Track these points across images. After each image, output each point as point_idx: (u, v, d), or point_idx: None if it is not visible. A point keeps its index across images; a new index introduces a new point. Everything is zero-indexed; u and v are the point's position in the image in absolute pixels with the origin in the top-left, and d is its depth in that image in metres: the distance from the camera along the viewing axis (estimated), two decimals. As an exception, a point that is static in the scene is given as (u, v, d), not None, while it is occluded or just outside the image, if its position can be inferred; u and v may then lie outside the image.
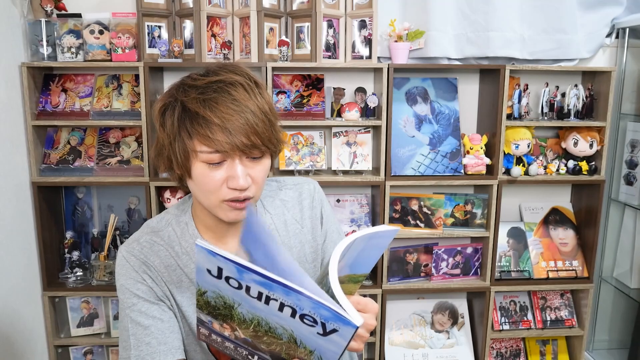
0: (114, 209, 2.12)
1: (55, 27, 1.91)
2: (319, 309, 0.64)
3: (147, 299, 0.94)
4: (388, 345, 2.17)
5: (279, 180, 1.10)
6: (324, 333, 0.67)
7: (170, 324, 0.95)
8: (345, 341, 0.67)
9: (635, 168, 2.18)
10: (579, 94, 2.06)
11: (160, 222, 1.00)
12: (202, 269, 0.68)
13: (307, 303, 0.64)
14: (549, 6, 2.06)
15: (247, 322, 0.72)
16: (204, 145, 0.83)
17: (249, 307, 0.70)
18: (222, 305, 0.72)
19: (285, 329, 0.70)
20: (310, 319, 0.66)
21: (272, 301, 0.66)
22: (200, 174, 0.86)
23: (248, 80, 0.88)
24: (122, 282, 0.94)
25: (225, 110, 0.83)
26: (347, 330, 0.65)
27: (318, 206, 1.07)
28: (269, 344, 0.74)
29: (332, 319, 0.65)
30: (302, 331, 0.68)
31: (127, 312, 0.94)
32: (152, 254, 0.96)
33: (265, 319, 0.70)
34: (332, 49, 1.99)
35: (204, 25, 1.92)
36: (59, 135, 2.02)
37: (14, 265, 1.85)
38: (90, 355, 2.08)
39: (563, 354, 2.28)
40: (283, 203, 1.05)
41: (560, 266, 2.16)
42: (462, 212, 2.10)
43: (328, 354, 0.70)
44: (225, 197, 0.87)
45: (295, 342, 0.71)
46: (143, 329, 0.92)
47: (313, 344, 0.70)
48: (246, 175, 0.86)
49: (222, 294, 0.70)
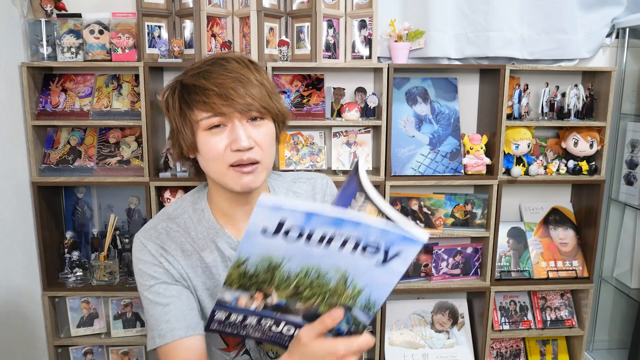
0: (114, 209, 2.12)
1: (55, 27, 1.91)
2: (386, 234, 0.66)
3: (165, 280, 0.97)
4: (388, 346, 2.17)
5: (292, 175, 1.13)
6: (385, 260, 0.68)
7: (188, 301, 0.98)
8: (405, 265, 0.69)
9: (636, 168, 2.18)
10: (579, 94, 2.06)
11: (177, 209, 1.03)
12: (254, 231, 0.67)
13: (374, 232, 0.66)
14: (549, 6, 2.05)
15: (291, 278, 0.72)
16: (203, 112, 0.88)
17: (300, 258, 0.70)
18: (264, 270, 0.72)
19: (337, 271, 0.70)
20: (372, 249, 0.68)
21: (335, 241, 0.67)
22: (204, 143, 0.90)
23: (241, 57, 0.93)
24: (140, 266, 0.98)
25: (219, 77, 0.87)
26: (413, 249, 0.67)
27: (329, 200, 1.10)
28: (307, 299, 0.74)
29: (397, 241, 0.66)
30: (359, 266, 0.69)
31: (145, 295, 0.98)
32: (169, 239, 0.98)
33: (317, 265, 0.70)
34: (332, 49, 1.99)
35: (204, 25, 1.92)
36: (59, 135, 2.02)
37: (14, 265, 1.85)
38: (90, 355, 2.08)
39: (563, 354, 2.28)
40: (296, 195, 1.09)
41: (560, 266, 2.16)
42: (462, 212, 2.10)
43: (379, 289, 0.71)
44: (230, 161, 0.89)
45: (344, 284, 0.72)
46: (162, 307, 0.95)
47: (366, 280, 0.71)
48: (248, 137, 0.89)
49: (270, 254, 0.70)
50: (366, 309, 0.73)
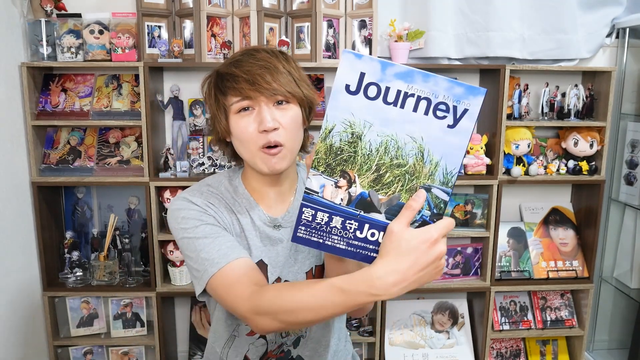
0: (114, 209, 2.12)
1: (55, 27, 1.91)
2: (452, 88, 0.73)
3: (212, 223, 0.99)
4: (388, 345, 2.17)
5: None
6: (454, 122, 0.74)
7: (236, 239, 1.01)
8: (473, 120, 0.74)
9: (636, 168, 2.18)
10: (579, 94, 2.06)
11: (214, 181, 1.09)
12: (340, 88, 0.74)
13: (442, 84, 0.73)
14: (549, 6, 2.05)
15: (372, 155, 0.76)
16: (233, 97, 0.95)
17: (380, 125, 0.75)
18: (348, 142, 0.77)
19: (415, 140, 0.75)
20: (443, 108, 0.74)
21: (409, 99, 0.74)
22: (236, 125, 0.97)
23: (272, 49, 1.01)
24: (184, 214, 0.99)
25: (248, 65, 0.95)
26: (478, 100, 0.73)
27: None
28: (389, 186, 0.77)
29: (464, 94, 0.73)
30: (433, 132, 0.75)
31: (191, 235, 0.97)
32: (213, 197, 1.04)
33: (395, 136, 0.75)
34: (332, 49, 1.99)
35: (204, 25, 1.92)
36: (59, 135, 2.02)
37: (14, 265, 1.85)
38: (90, 355, 2.08)
39: (563, 354, 2.28)
40: None
41: (561, 266, 2.16)
42: (462, 212, 2.10)
43: (454, 155, 0.76)
44: (259, 143, 0.95)
45: (422, 159, 0.75)
46: (212, 239, 0.96)
47: (441, 149, 0.75)
48: (273, 118, 0.94)
49: (353, 119, 0.76)
50: (444, 185, 0.77)
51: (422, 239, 0.73)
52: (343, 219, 0.79)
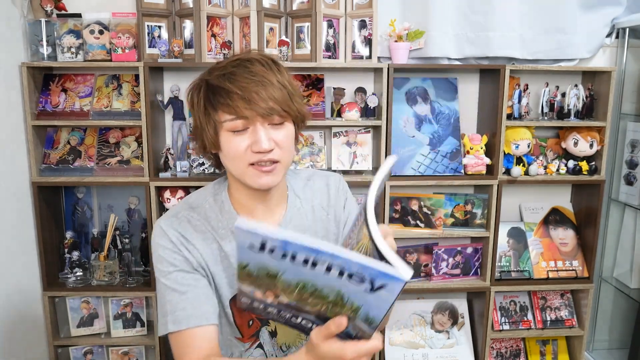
0: (114, 209, 2.12)
1: (55, 27, 1.91)
2: (366, 269, 0.67)
3: (183, 268, 0.98)
4: (388, 345, 2.17)
5: (308, 171, 1.18)
6: (372, 289, 0.69)
7: (205, 290, 0.99)
8: (393, 296, 0.69)
9: (636, 168, 2.18)
10: (579, 94, 2.06)
11: (198, 198, 1.06)
12: (243, 245, 0.70)
13: (354, 265, 0.67)
14: (549, 6, 2.06)
15: (292, 286, 0.74)
16: (227, 114, 0.91)
17: (294, 273, 0.71)
18: (265, 275, 0.74)
19: (332, 289, 0.72)
20: (357, 278, 0.68)
21: (319, 265, 0.69)
22: (226, 142, 0.94)
23: (265, 58, 0.97)
24: (160, 252, 0.99)
25: (243, 81, 0.90)
26: (396, 285, 0.67)
27: (342, 196, 1.14)
28: (314, 305, 0.76)
29: (380, 276, 0.67)
30: (350, 289, 0.70)
31: (163, 281, 0.98)
32: (190, 227, 1.01)
33: (312, 281, 0.72)
34: (332, 49, 1.99)
35: (204, 25, 1.92)
36: (59, 135, 2.02)
37: (14, 265, 1.85)
38: (90, 355, 2.08)
39: (563, 354, 2.28)
40: (312, 190, 1.13)
41: (560, 266, 2.16)
42: (462, 212, 2.10)
43: (375, 309, 0.72)
44: (250, 160, 0.93)
45: (342, 300, 0.73)
46: (179, 294, 0.97)
47: (360, 301, 0.72)
48: (269, 139, 0.92)
49: (264, 265, 0.72)
50: (367, 323, 0.74)
51: (335, 355, 0.75)
52: (278, 310, 0.81)
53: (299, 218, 1.08)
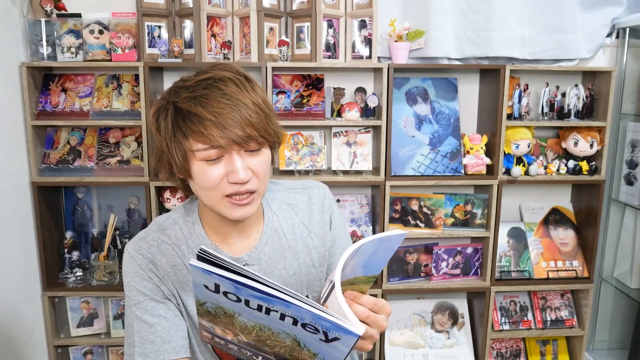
0: (114, 209, 2.12)
1: (55, 27, 1.91)
2: (319, 320, 0.65)
3: (153, 297, 0.94)
4: (388, 345, 2.17)
5: (288, 184, 1.09)
6: (327, 340, 0.68)
7: (175, 322, 0.95)
8: (347, 348, 0.68)
9: (636, 168, 2.18)
10: (579, 93, 2.06)
11: (168, 219, 1.00)
12: (199, 284, 0.69)
13: (307, 315, 0.66)
14: (549, 6, 2.05)
15: (249, 328, 0.73)
16: (199, 143, 0.83)
17: (249, 316, 0.71)
18: (223, 314, 0.73)
19: (288, 334, 0.71)
20: (312, 328, 0.67)
21: (273, 312, 0.68)
22: (199, 172, 0.86)
23: (238, 75, 0.87)
24: (129, 279, 0.95)
25: (216, 105, 0.82)
26: (349, 339, 0.66)
27: (327, 211, 1.06)
28: (272, 347, 0.75)
29: (333, 329, 0.66)
30: (305, 337, 0.70)
31: (132, 310, 0.94)
32: (159, 252, 0.95)
33: (268, 325, 0.71)
34: (332, 49, 1.99)
35: (204, 25, 1.92)
36: (59, 135, 2.02)
37: (14, 265, 1.85)
38: (90, 355, 2.08)
39: (563, 354, 2.28)
40: (291, 207, 1.05)
41: (561, 266, 2.16)
42: (462, 212, 2.10)
43: (332, 358, 0.72)
44: (226, 192, 0.86)
45: (299, 345, 0.72)
46: (148, 326, 0.93)
47: (316, 348, 0.71)
48: (246, 169, 0.85)
49: (221, 305, 0.71)
50: None
51: None
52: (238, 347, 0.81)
53: (276, 239, 1.01)
